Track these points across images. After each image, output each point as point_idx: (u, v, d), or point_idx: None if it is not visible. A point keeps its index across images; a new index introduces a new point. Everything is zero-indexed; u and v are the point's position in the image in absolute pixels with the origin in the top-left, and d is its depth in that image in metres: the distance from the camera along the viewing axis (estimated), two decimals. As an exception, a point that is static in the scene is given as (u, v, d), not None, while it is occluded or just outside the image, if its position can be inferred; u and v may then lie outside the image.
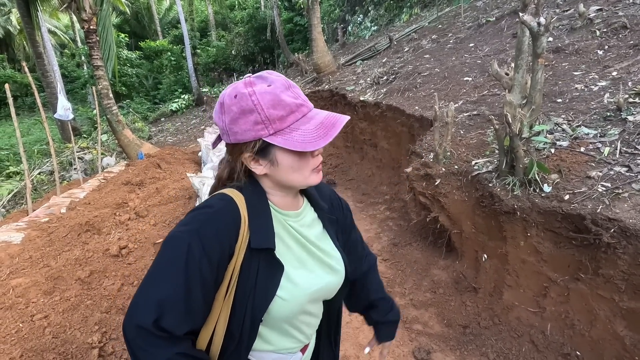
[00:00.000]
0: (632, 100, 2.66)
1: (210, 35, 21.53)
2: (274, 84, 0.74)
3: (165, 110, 16.94)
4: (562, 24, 4.49)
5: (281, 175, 0.78)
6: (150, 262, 3.27)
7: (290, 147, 0.72)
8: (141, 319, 0.66)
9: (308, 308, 0.85)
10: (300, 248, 0.85)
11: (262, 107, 0.71)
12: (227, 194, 0.78)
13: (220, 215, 0.74)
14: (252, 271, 0.75)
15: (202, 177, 3.74)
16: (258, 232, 0.76)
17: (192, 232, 0.70)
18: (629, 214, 1.89)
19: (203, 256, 0.69)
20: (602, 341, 1.98)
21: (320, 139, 0.72)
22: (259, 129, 0.73)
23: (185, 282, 0.68)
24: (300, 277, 0.81)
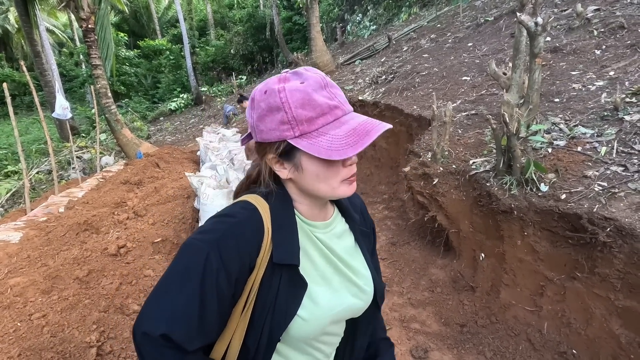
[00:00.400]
0: (629, 100, 2.68)
1: (209, 34, 21.50)
2: (308, 81, 0.67)
3: (164, 110, 16.91)
4: (560, 24, 4.50)
5: (306, 182, 0.71)
6: (149, 261, 3.27)
7: (314, 152, 0.65)
8: (149, 328, 0.62)
9: (329, 328, 0.77)
10: (327, 263, 0.78)
11: (290, 106, 0.65)
12: (251, 203, 0.72)
13: (242, 226, 0.68)
14: (273, 287, 0.70)
15: (200, 176, 3.74)
16: (281, 246, 0.70)
17: (211, 241, 0.65)
18: (625, 213, 1.90)
19: (221, 269, 0.64)
20: (598, 340, 1.99)
21: (349, 148, 0.64)
22: (284, 129, 0.67)
23: (201, 294, 0.63)
24: (323, 297, 0.74)
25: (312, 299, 0.72)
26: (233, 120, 9.71)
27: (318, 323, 0.73)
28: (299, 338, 0.73)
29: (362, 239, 0.86)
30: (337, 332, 0.83)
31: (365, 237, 0.88)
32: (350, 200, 0.88)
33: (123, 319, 2.57)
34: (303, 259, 0.74)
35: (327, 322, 0.74)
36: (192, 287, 0.63)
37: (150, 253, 3.36)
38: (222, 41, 19.84)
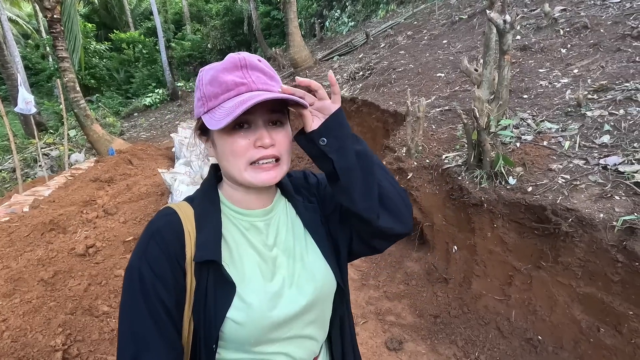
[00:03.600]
0: (590, 97, 2.80)
1: (185, 28, 20.94)
2: (224, 62, 0.67)
3: (138, 105, 16.38)
4: (529, 23, 4.65)
5: (220, 161, 0.71)
6: (120, 260, 3.17)
7: (207, 124, 0.65)
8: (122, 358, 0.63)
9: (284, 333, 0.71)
10: (265, 258, 0.72)
11: (202, 83, 0.68)
12: (171, 207, 0.72)
13: (161, 232, 0.67)
14: (201, 289, 0.67)
15: (174, 172, 3.64)
16: (202, 244, 0.67)
17: (139, 256, 0.66)
18: (585, 204, 1.99)
19: (155, 279, 0.64)
20: (561, 325, 2.08)
21: (226, 117, 0.61)
22: (199, 106, 0.69)
23: (149, 313, 0.63)
24: (257, 297, 0.68)
25: (244, 299, 0.67)
26: (210, 116, 9.53)
27: (255, 326, 0.67)
28: (239, 342, 0.68)
29: (310, 216, 0.80)
30: (312, 335, 0.76)
31: (313, 212, 0.81)
32: (291, 179, 0.83)
33: (92, 320, 2.49)
34: (232, 255, 0.70)
35: (268, 325, 0.68)
36: (138, 307, 0.63)
37: (122, 252, 3.25)
38: (198, 35, 19.37)
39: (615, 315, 1.83)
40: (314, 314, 0.75)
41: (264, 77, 0.67)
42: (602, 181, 2.08)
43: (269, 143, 0.67)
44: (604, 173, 2.13)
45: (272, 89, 0.67)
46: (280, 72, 10.48)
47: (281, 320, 0.69)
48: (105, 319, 2.55)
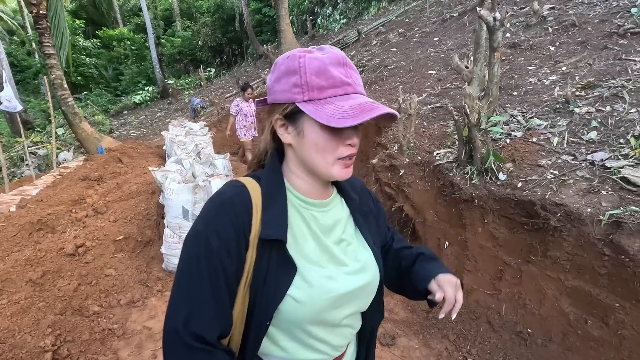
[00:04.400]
0: (578, 94, 2.84)
1: (175, 25, 20.68)
2: (328, 55, 0.70)
3: (127, 103, 16.15)
4: (518, 21, 4.69)
5: (305, 150, 0.72)
6: (111, 259, 3.14)
7: (316, 117, 0.67)
8: (173, 323, 0.66)
9: (332, 317, 0.74)
10: (321, 246, 0.76)
11: (305, 71, 0.68)
12: (240, 181, 0.75)
13: (232, 201, 0.70)
14: (263, 265, 0.70)
15: (165, 170, 3.60)
16: (269, 223, 0.70)
17: (207, 223, 0.69)
18: (573, 199, 2.02)
19: (221, 247, 0.67)
20: (550, 318, 2.12)
21: (349, 118, 0.65)
22: (295, 92, 0.69)
23: (209, 279, 0.66)
24: (318, 278, 0.72)
25: (305, 279, 0.71)
26: (201, 114, 9.44)
27: (315, 306, 0.71)
28: (295, 322, 0.71)
29: (362, 219, 0.85)
30: (350, 324, 0.80)
31: (364, 216, 0.87)
32: (349, 181, 0.87)
33: (82, 320, 2.45)
34: (295, 237, 0.74)
35: (325, 306, 0.72)
36: (200, 273, 0.66)
37: (112, 251, 3.21)
38: (189, 32, 19.14)
39: (602, 308, 1.87)
40: (357, 303, 0.79)
41: (358, 77, 0.73)
42: (590, 176, 2.12)
43: (356, 143, 0.73)
44: (592, 168, 2.17)
45: (364, 91, 0.73)
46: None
47: (334, 302, 0.73)
48: (96, 319, 2.52)
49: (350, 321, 0.80)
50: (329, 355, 0.78)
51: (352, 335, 0.84)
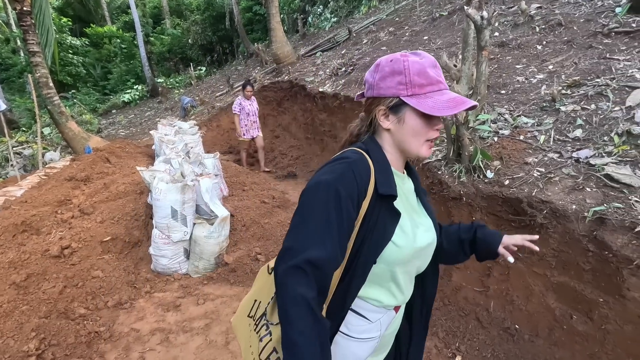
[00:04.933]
0: (564, 92, 2.88)
1: (164, 22, 20.40)
2: (425, 59, 0.89)
3: (116, 102, 15.89)
4: (506, 20, 4.74)
5: (402, 134, 0.91)
6: (97, 261, 3.09)
7: (420, 108, 0.86)
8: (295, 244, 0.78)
9: (411, 266, 0.94)
10: (406, 207, 0.96)
11: (409, 72, 0.87)
12: (357, 150, 0.92)
13: (356, 164, 0.86)
14: (374, 216, 0.86)
15: (153, 170, 3.55)
16: (384, 182, 0.88)
17: (336, 177, 0.83)
18: (559, 196, 2.05)
19: (347, 197, 0.82)
20: (536, 314, 2.14)
21: (449, 109, 0.85)
22: (400, 89, 0.88)
23: (337, 219, 0.80)
24: (410, 230, 0.92)
25: (403, 229, 0.90)
26: (191, 113, 9.34)
27: (408, 251, 0.90)
28: (391, 263, 0.90)
29: (422, 193, 1.06)
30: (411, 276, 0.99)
31: (423, 192, 1.07)
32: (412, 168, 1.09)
33: (67, 324, 2.41)
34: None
35: (412, 252, 0.91)
36: (328, 214, 0.80)
37: (99, 253, 3.16)
38: (178, 30, 18.90)
39: (586, 303, 1.90)
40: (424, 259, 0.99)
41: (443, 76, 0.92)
42: (575, 174, 2.15)
43: (441, 127, 0.94)
44: (577, 166, 2.20)
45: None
46: (263, 68, 10.37)
47: (417, 251, 0.93)
48: (82, 322, 2.47)
49: (413, 275, 1.00)
50: (396, 301, 0.97)
51: (411, 290, 1.02)
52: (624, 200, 1.85)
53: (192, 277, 3.16)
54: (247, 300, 1.03)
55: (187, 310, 2.71)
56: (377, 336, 0.97)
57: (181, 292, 2.94)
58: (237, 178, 4.92)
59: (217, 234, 3.14)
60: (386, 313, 0.97)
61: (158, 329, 2.51)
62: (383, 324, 0.97)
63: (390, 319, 0.99)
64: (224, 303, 2.78)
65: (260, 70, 10.27)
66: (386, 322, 0.98)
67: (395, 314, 1.00)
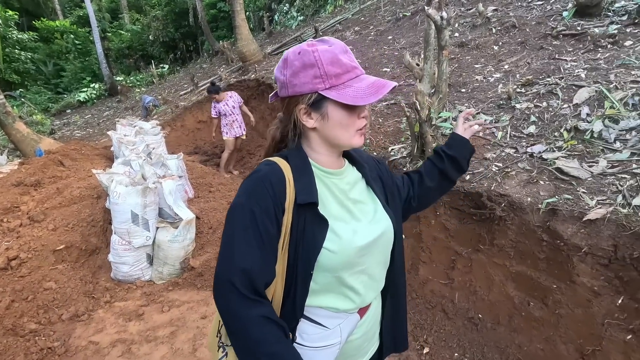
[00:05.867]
0: (519, 91, 3.03)
1: (122, 17, 19.44)
2: (334, 46, 0.83)
3: (71, 101, 14.94)
4: (465, 21, 4.92)
5: (329, 130, 0.86)
6: (50, 272, 2.89)
7: (342, 100, 0.80)
8: (230, 274, 0.78)
9: (359, 266, 0.89)
10: (343, 205, 0.91)
11: (322, 63, 0.80)
12: (271, 160, 0.88)
13: (267, 177, 0.83)
14: (299, 226, 0.83)
15: (111, 173, 3.36)
16: (302, 190, 0.84)
17: (249, 196, 0.82)
18: (515, 189, 2.15)
19: (262, 213, 0.80)
20: (498, 303, 2.24)
21: (371, 96, 0.80)
22: (316, 83, 0.81)
23: (256, 237, 0.80)
24: (345, 231, 0.86)
25: (336, 233, 0.85)
26: (154, 112, 8.97)
27: (345, 254, 0.85)
28: (330, 269, 0.85)
29: (374, 182, 1.00)
30: (374, 275, 0.94)
31: (375, 180, 1.01)
32: (357, 152, 1.04)
33: (16, 341, 2.23)
34: (323, 200, 0.88)
35: (353, 254, 0.86)
36: (249, 235, 0.80)
37: (52, 263, 2.95)
38: (138, 26, 18.07)
39: (542, 290, 2.00)
40: (379, 253, 0.94)
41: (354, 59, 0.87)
42: (529, 168, 2.26)
43: (367, 115, 0.89)
44: (531, 160, 2.32)
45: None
46: (229, 66, 10.14)
47: (359, 250, 0.87)
48: (33, 338, 2.29)
49: (374, 271, 0.94)
50: (355, 304, 0.92)
51: (375, 289, 0.97)
52: (573, 192, 1.98)
53: (156, 284, 3.02)
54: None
55: (151, 318, 2.59)
56: (337, 343, 0.92)
57: (144, 299, 2.80)
58: (204, 179, 4.77)
59: (182, 237, 3.03)
60: (347, 318, 0.92)
61: (119, 340, 2.38)
62: (344, 329, 0.92)
63: (352, 324, 0.94)
64: (191, 309, 2.68)
65: (226, 69, 10.03)
66: (348, 327, 0.93)
67: (360, 318, 0.95)
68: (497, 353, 2.14)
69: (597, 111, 2.44)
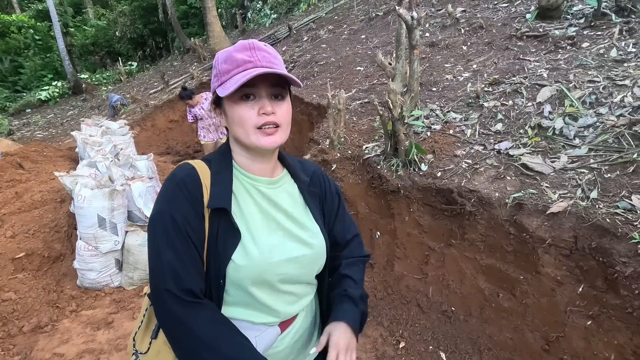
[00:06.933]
0: (487, 89, 3.13)
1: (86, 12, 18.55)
2: (237, 45, 0.82)
3: (31, 100, 14.12)
4: (436, 22, 5.04)
5: (230, 127, 0.84)
6: (9, 281, 2.72)
7: (220, 93, 0.79)
8: (164, 284, 0.75)
9: (273, 281, 0.84)
10: (266, 216, 0.86)
11: (218, 62, 0.82)
12: (189, 163, 0.85)
13: (184, 182, 0.81)
14: (214, 232, 0.80)
15: (75, 175, 3.20)
16: (215, 195, 0.81)
17: (168, 203, 0.80)
18: (484, 185, 2.22)
19: (184, 221, 0.78)
20: (469, 295, 2.31)
21: (236, 83, 0.75)
22: (215, 81, 0.83)
23: (182, 243, 0.77)
24: (257, 246, 0.82)
25: (246, 246, 0.81)
26: (122, 112, 8.62)
27: (254, 269, 0.80)
28: (236, 283, 0.81)
29: (311, 199, 0.94)
30: (295, 292, 0.89)
31: (314, 197, 0.96)
32: (303, 164, 1.00)
33: (-30, 357, 2.08)
34: (239, 207, 0.84)
35: (264, 270, 0.81)
36: (174, 244, 0.77)
37: (11, 272, 2.78)
38: (103, 21, 17.32)
39: (510, 281, 2.08)
40: (298, 272, 0.87)
41: (269, 56, 0.81)
42: (497, 164, 2.35)
43: (270, 111, 0.80)
44: (498, 157, 2.40)
45: (275, 67, 0.80)
46: (201, 64, 9.90)
47: (272, 267, 0.82)
48: (-10, 353, 2.15)
49: (293, 289, 0.88)
50: (274, 318, 0.87)
51: (298, 304, 0.91)
52: (537, 187, 2.07)
53: (127, 290, 2.91)
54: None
55: (121, 326, 2.49)
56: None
57: (114, 307, 2.69)
58: (176, 180, 4.63)
59: (153, 241, 2.93)
60: (265, 331, 0.86)
61: (87, 351, 2.27)
62: (260, 342, 0.85)
63: (272, 337, 0.87)
64: (164, 314, 2.60)
65: (198, 67, 9.79)
66: (266, 340, 0.86)
67: (280, 332, 0.89)
68: (469, 344, 2.21)
69: (558, 109, 2.56)
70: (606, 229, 1.67)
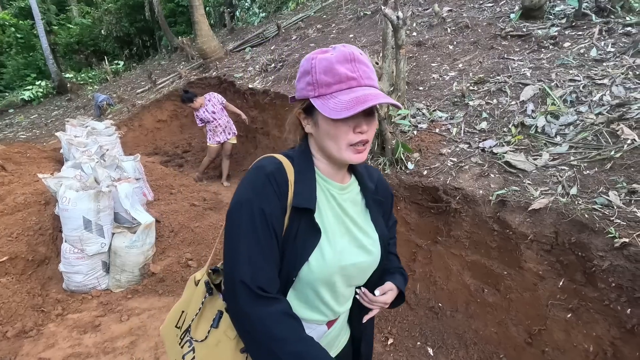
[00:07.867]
0: (472, 88, 3.18)
1: (70, 10, 18.16)
2: (336, 54, 0.80)
3: (14, 100, 13.79)
4: (422, 21, 5.09)
5: (320, 138, 0.85)
6: (-8, 287, 2.64)
7: (322, 111, 0.78)
8: (240, 274, 0.76)
9: (336, 283, 0.88)
10: (338, 220, 0.90)
11: (315, 71, 0.80)
12: (276, 157, 0.86)
13: (274, 175, 0.82)
14: (293, 230, 0.82)
15: (59, 177, 3.14)
16: (301, 194, 0.83)
17: (256, 192, 0.80)
18: (469, 182, 2.26)
19: (272, 213, 0.79)
20: (455, 291, 2.35)
21: (345, 111, 0.75)
22: (309, 90, 0.81)
23: (264, 239, 0.78)
24: (331, 249, 0.85)
25: (321, 248, 0.84)
26: (108, 112, 8.48)
27: (324, 271, 0.84)
28: (309, 282, 0.85)
29: (374, 206, 0.98)
30: (345, 294, 0.94)
31: (376, 204, 0.99)
32: (368, 170, 1.02)
33: (-48, 364, 2.03)
34: (319, 209, 0.86)
35: (333, 272, 0.86)
36: (257, 235, 0.78)
37: (-7, 277, 2.72)
38: (88, 20, 16.97)
39: (494, 277, 2.13)
40: (357, 277, 0.94)
41: (368, 70, 0.82)
42: (481, 162, 2.39)
43: (366, 129, 0.82)
44: (483, 155, 2.45)
45: (374, 83, 0.82)
46: (189, 63, 9.80)
47: (341, 269, 0.87)
48: (-27, 360, 2.11)
49: (346, 291, 0.94)
50: (326, 317, 0.93)
51: (346, 305, 0.98)
52: (520, 184, 2.11)
53: (114, 292, 2.88)
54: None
55: (109, 329, 2.47)
56: None
57: (101, 310, 2.66)
58: (164, 181, 4.60)
59: (140, 242, 2.90)
60: (315, 329, 0.93)
61: (73, 355, 2.24)
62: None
63: (319, 334, 0.94)
64: (152, 316, 2.58)
65: (186, 66, 9.68)
66: (314, 337, 0.90)
67: (327, 329, 0.96)
68: (456, 339, 2.25)
69: (540, 108, 2.61)
70: (585, 224, 1.72)
